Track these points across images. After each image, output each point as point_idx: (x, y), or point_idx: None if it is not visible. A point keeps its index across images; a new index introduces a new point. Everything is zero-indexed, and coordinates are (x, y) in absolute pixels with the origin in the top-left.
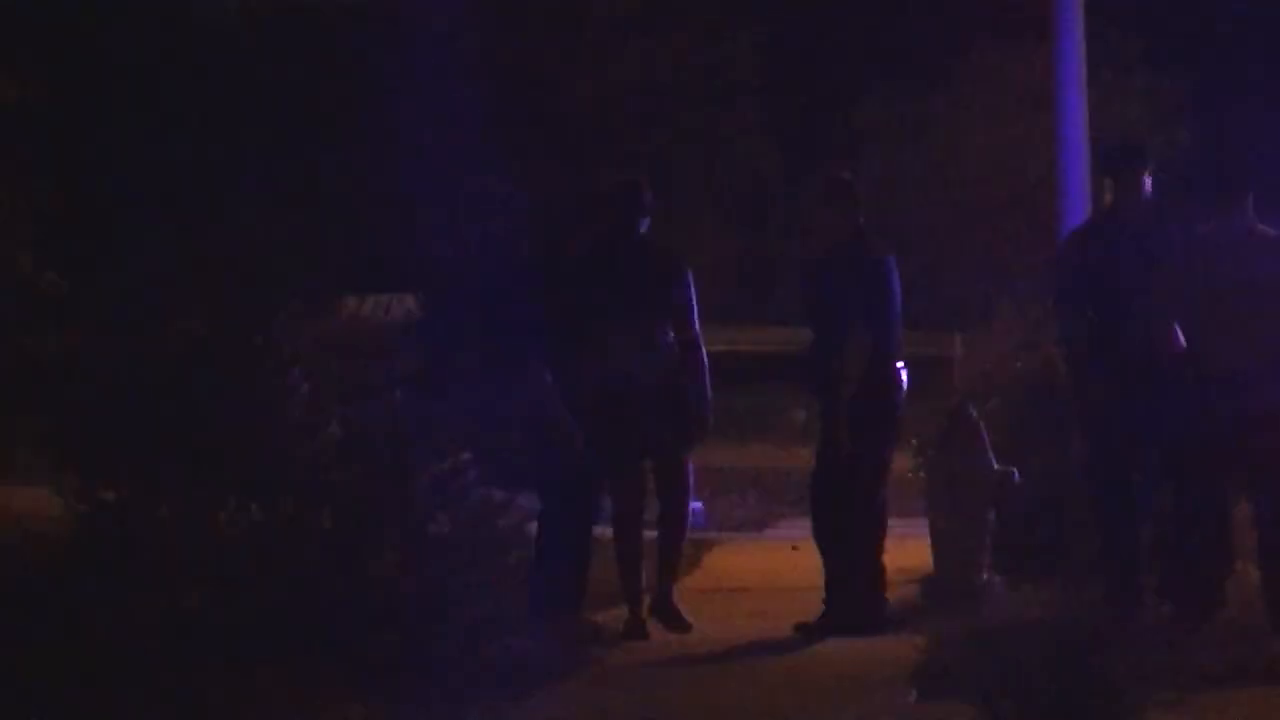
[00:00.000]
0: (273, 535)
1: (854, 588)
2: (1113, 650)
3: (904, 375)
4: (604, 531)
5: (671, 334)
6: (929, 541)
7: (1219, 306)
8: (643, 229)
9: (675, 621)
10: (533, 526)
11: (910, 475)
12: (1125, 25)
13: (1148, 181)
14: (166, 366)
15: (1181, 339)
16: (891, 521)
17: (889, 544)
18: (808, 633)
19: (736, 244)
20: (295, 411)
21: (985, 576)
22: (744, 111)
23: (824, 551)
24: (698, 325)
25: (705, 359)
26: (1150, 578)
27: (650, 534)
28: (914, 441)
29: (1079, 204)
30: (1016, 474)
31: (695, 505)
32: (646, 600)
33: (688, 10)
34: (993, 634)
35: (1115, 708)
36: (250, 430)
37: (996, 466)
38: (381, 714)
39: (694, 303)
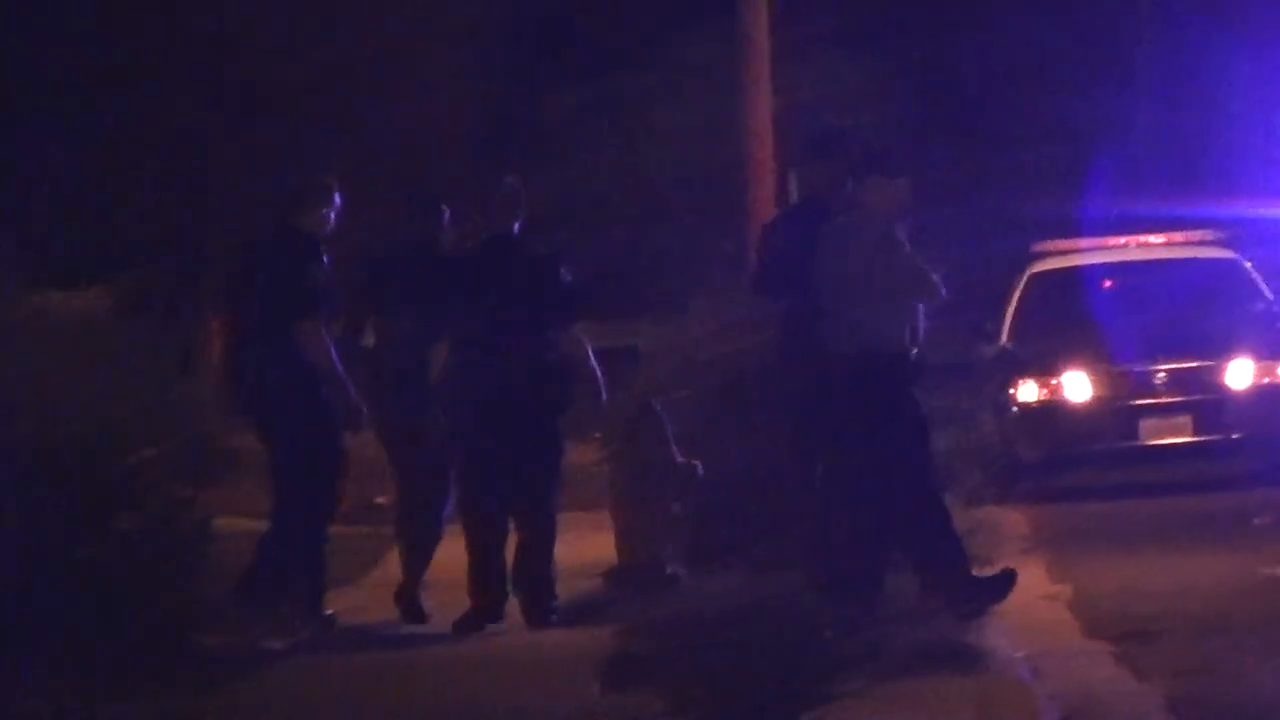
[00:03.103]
0: None
1: (530, 578)
2: (798, 639)
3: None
4: None
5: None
6: (613, 534)
7: (848, 293)
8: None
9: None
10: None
11: (595, 468)
12: (809, 9)
13: (842, 171)
14: None
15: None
16: (576, 514)
17: (575, 536)
18: (463, 628)
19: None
20: None
21: (670, 568)
22: (433, 100)
23: (481, 543)
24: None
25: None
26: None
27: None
28: (598, 435)
29: (766, 190)
30: (700, 467)
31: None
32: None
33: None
34: (680, 624)
35: (806, 694)
36: None
37: (681, 459)
38: (70, 711)
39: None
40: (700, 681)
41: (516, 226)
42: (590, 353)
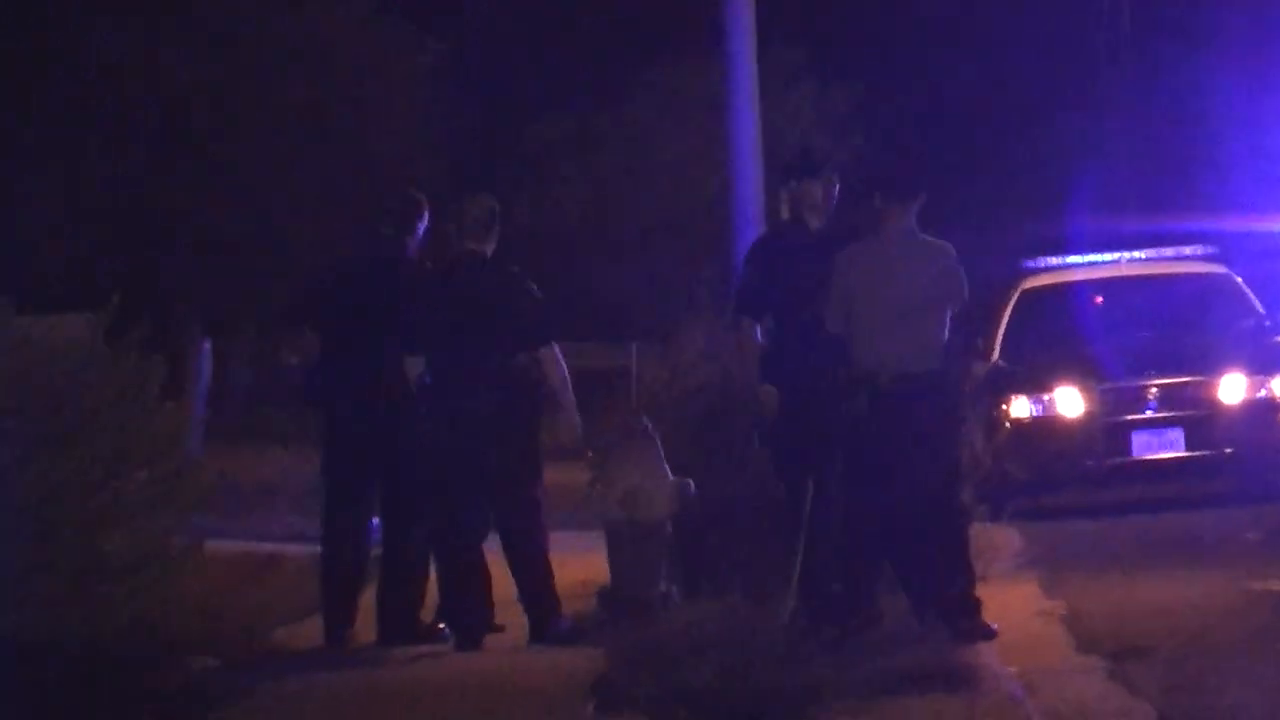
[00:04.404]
0: None
1: (541, 600)
2: (790, 661)
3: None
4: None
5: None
6: (606, 554)
7: (870, 315)
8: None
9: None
10: None
11: (587, 488)
12: (794, 36)
13: (826, 193)
14: None
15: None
16: (570, 534)
17: (568, 557)
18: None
19: None
20: None
21: (663, 588)
22: (418, 129)
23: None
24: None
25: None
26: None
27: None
28: (591, 454)
29: (752, 215)
30: (692, 485)
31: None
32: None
33: (358, 30)
34: (669, 647)
35: (800, 715)
36: None
37: (673, 478)
38: None
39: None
40: (692, 704)
41: (490, 248)
42: (565, 374)
